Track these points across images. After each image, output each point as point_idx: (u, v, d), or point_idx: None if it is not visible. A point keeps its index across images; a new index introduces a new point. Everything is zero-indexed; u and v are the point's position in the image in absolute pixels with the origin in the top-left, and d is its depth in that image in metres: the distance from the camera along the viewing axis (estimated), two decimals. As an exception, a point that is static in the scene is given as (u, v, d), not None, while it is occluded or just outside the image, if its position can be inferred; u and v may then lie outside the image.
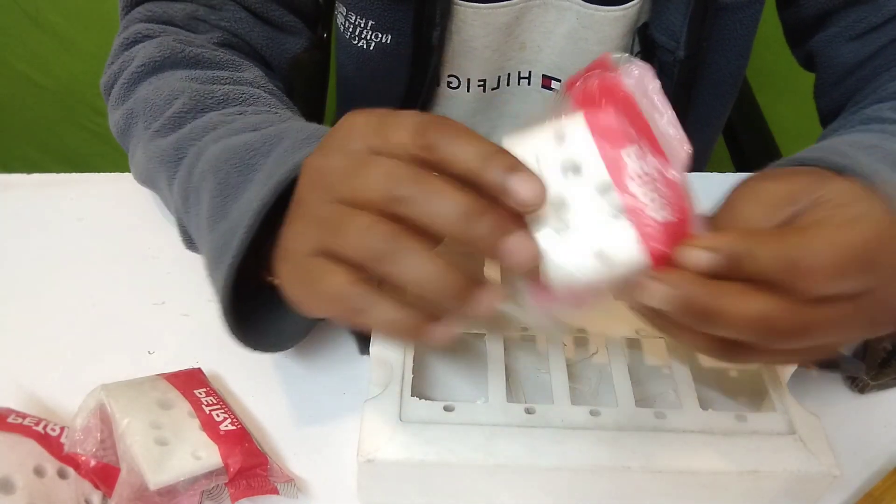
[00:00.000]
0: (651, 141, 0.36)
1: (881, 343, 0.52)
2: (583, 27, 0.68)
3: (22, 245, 0.58)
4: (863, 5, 0.64)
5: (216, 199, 0.45)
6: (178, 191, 0.50)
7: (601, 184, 0.34)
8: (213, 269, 0.44)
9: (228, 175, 0.45)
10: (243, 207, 0.42)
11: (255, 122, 0.49)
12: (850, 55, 0.65)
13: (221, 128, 0.50)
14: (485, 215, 0.33)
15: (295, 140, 0.44)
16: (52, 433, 0.42)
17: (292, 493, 0.44)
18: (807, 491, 0.43)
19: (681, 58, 0.67)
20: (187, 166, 0.49)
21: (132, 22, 0.61)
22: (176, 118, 0.52)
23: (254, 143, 0.46)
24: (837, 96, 0.67)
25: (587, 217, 0.34)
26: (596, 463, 0.41)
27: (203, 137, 0.50)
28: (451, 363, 0.50)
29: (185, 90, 0.53)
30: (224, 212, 0.44)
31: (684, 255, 0.35)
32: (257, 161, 0.45)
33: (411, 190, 0.34)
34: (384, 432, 0.41)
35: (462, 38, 0.68)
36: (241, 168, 0.45)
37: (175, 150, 0.51)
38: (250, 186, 0.44)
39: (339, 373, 0.50)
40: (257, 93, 0.55)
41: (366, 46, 0.68)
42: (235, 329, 0.43)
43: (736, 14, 0.67)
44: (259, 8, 0.62)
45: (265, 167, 0.44)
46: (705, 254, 0.34)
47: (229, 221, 0.43)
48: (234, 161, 0.45)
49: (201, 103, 0.52)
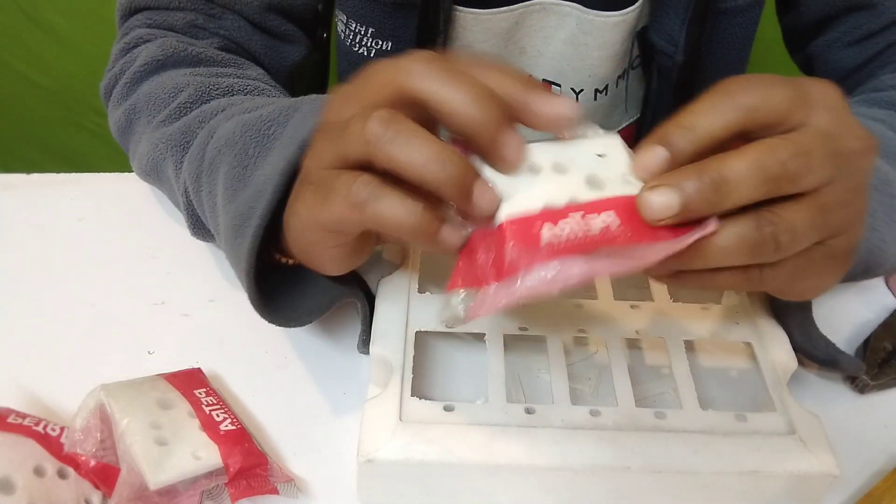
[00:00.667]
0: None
1: (881, 343, 0.52)
2: (582, 32, 0.68)
3: (22, 245, 0.58)
4: (862, 11, 0.64)
5: (235, 169, 0.45)
6: (189, 171, 0.50)
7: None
8: (234, 238, 0.44)
9: (247, 146, 0.45)
10: (268, 170, 0.42)
11: (264, 100, 0.49)
12: (848, 60, 0.66)
13: (231, 108, 0.49)
14: (456, 158, 0.34)
15: (313, 106, 0.44)
16: (52, 433, 0.42)
17: (292, 493, 0.44)
18: (807, 491, 0.43)
19: (679, 62, 0.67)
20: (199, 145, 0.49)
21: (132, 28, 0.61)
22: (182, 107, 0.52)
23: (270, 114, 0.46)
24: None
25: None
26: (596, 463, 0.41)
27: (213, 118, 0.50)
28: (451, 363, 0.50)
29: (189, 83, 0.53)
30: (244, 181, 0.44)
31: (646, 153, 0.35)
32: (275, 130, 0.45)
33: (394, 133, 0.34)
34: (384, 432, 0.41)
35: (462, 43, 0.68)
36: (260, 139, 0.45)
37: (183, 135, 0.51)
38: (271, 154, 0.43)
39: (339, 373, 0.50)
40: (262, 85, 0.55)
41: (366, 53, 0.68)
42: (258, 299, 0.43)
43: (734, 19, 0.67)
44: (258, 17, 0.62)
45: (285, 134, 0.44)
46: (659, 148, 0.35)
47: (254, 187, 0.43)
48: (252, 133, 0.45)
49: (207, 94, 0.52)
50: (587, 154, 0.37)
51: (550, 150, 0.37)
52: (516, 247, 0.34)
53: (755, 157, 0.34)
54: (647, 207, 0.34)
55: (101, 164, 1.41)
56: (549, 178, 0.36)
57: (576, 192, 0.35)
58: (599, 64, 0.70)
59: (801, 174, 0.34)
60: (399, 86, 0.35)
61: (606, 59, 0.70)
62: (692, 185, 0.34)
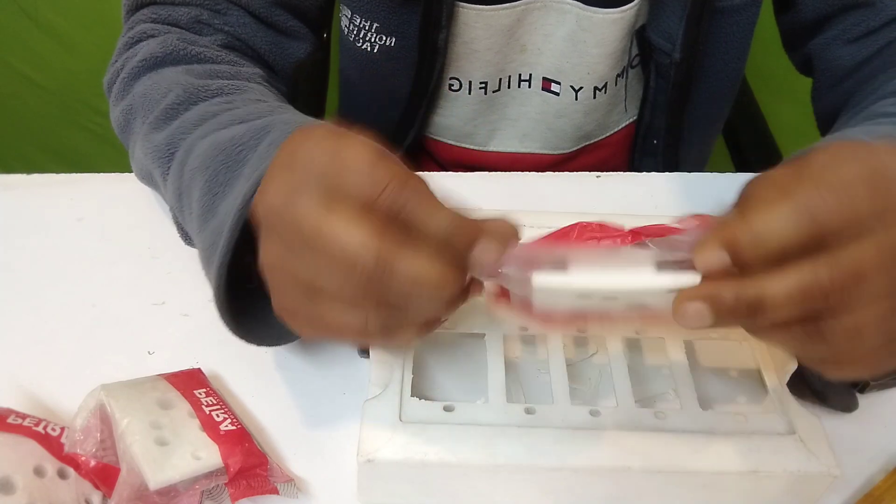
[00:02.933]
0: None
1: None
2: (582, 29, 0.68)
3: (22, 245, 0.58)
4: (860, 9, 0.64)
5: (206, 196, 0.45)
6: (172, 189, 0.50)
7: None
8: (207, 267, 0.44)
9: (217, 172, 0.45)
10: (229, 205, 0.42)
11: (242, 114, 0.49)
12: (847, 58, 0.65)
13: (210, 120, 0.49)
14: (451, 287, 0.35)
15: (282, 133, 0.43)
16: (53, 433, 0.42)
17: (292, 493, 0.44)
18: (807, 491, 0.43)
19: (677, 60, 0.67)
20: (179, 163, 0.49)
21: (137, 23, 0.61)
22: (169, 110, 0.52)
23: (241, 136, 0.45)
24: (834, 99, 0.67)
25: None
26: (596, 463, 0.41)
27: (192, 133, 0.49)
28: (451, 363, 0.50)
29: (179, 83, 0.53)
30: (213, 210, 0.44)
31: (700, 260, 0.34)
32: (245, 155, 0.44)
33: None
34: (384, 432, 0.41)
35: (464, 40, 0.68)
36: (229, 164, 0.45)
37: (167, 145, 0.51)
38: (237, 183, 0.43)
39: (339, 373, 0.50)
40: (250, 85, 0.54)
41: (370, 49, 0.68)
42: (234, 326, 0.43)
43: (732, 17, 0.67)
44: (263, 13, 0.62)
45: (251, 161, 0.43)
46: (724, 255, 0.34)
47: (218, 219, 0.43)
48: (222, 158, 0.45)
49: (195, 95, 0.52)
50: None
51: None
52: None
53: (797, 281, 0.33)
54: (682, 317, 0.34)
55: (101, 164, 1.41)
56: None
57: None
58: (598, 61, 0.70)
59: (847, 298, 0.33)
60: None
61: (605, 57, 0.70)
62: (728, 306, 0.33)
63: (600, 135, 0.78)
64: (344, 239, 0.33)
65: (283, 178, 0.36)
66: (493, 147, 0.78)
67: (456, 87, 0.72)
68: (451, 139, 0.78)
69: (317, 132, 0.36)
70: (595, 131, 0.78)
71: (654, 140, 0.75)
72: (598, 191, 0.65)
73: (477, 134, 0.77)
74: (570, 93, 0.72)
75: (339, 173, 0.34)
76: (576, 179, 0.66)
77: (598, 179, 0.66)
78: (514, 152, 0.78)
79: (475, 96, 0.73)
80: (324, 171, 0.34)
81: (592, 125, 0.76)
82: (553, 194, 0.64)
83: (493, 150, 0.78)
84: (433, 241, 0.34)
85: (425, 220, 0.34)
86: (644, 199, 0.64)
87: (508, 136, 0.77)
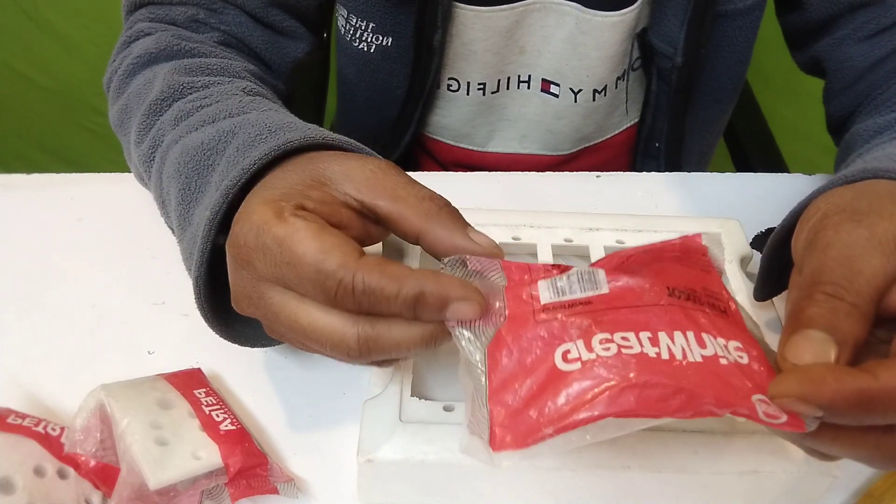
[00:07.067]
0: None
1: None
2: (581, 32, 0.68)
3: (22, 245, 0.58)
4: (870, 7, 0.62)
5: (181, 206, 0.46)
6: (155, 195, 0.51)
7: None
8: (189, 272, 0.44)
9: (189, 180, 0.45)
10: (201, 215, 0.43)
11: (213, 112, 0.49)
12: (860, 58, 0.63)
13: (184, 121, 0.49)
14: (436, 339, 0.37)
15: (246, 137, 0.44)
16: (53, 433, 0.42)
17: (292, 493, 0.44)
18: (807, 491, 0.43)
19: (678, 64, 0.67)
20: (157, 171, 0.50)
21: (135, 22, 0.61)
22: (153, 105, 0.52)
23: (209, 141, 0.46)
24: (848, 100, 0.65)
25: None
26: (596, 463, 0.41)
27: (167, 135, 0.50)
28: (451, 363, 0.50)
29: (165, 79, 0.53)
30: (189, 218, 0.45)
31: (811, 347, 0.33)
32: (214, 160, 0.45)
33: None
34: (384, 432, 0.41)
35: (462, 41, 0.68)
36: (200, 170, 0.45)
37: (150, 149, 0.51)
38: (208, 189, 0.44)
39: (339, 373, 0.50)
40: (234, 81, 0.54)
41: (366, 49, 0.68)
42: (221, 329, 0.43)
43: (735, 21, 0.66)
44: (260, 12, 0.62)
45: (219, 166, 0.44)
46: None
47: (193, 227, 0.44)
48: (193, 164, 0.45)
49: (179, 92, 0.52)
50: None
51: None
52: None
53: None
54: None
55: (101, 164, 1.41)
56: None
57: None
58: (598, 64, 0.70)
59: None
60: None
61: (605, 60, 0.70)
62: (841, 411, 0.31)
63: (600, 137, 0.78)
64: (326, 332, 0.36)
65: (241, 275, 0.38)
66: (493, 148, 0.78)
67: (455, 87, 0.72)
68: (450, 139, 0.78)
69: (253, 219, 0.37)
70: (595, 133, 0.78)
71: (655, 143, 0.75)
72: (598, 191, 0.65)
73: (476, 134, 0.77)
74: (570, 95, 0.72)
75: (293, 270, 0.36)
76: (576, 179, 0.66)
77: (599, 179, 0.66)
78: (513, 153, 0.78)
79: (474, 97, 0.73)
80: (277, 269, 0.36)
81: (592, 127, 0.76)
82: (553, 194, 0.64)
83: (492, 151, 0.79)
84: (402, 309, 0.35)
85: (388, 301, 0.35)
86: (644, 199, 0.64)
87: (507, 137, 0.77)
